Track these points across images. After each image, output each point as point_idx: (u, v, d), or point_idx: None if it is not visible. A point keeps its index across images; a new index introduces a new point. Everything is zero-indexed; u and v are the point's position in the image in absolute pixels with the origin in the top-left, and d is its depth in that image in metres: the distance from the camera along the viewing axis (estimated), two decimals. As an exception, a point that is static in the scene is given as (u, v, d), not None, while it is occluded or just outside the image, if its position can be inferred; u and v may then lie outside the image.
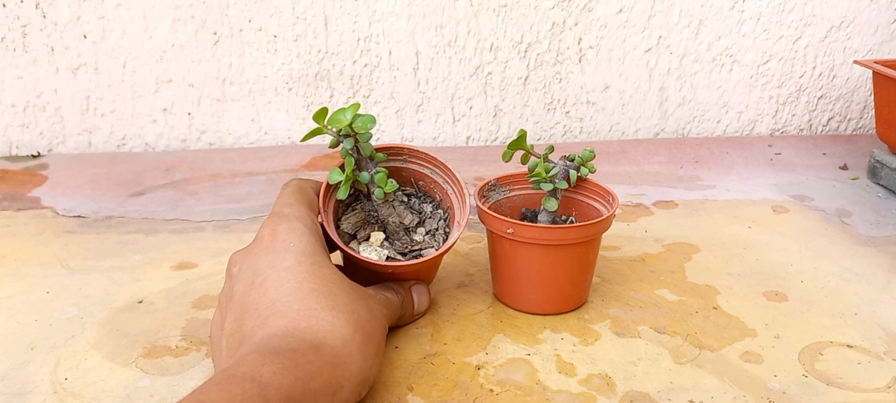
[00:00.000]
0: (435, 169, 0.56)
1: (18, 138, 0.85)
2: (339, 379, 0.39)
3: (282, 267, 0.43)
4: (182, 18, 0.82)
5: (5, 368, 0.46)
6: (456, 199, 0.55)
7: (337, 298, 0.42)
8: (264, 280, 0.43)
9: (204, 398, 0.34)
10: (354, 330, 0.41)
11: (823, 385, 0.46)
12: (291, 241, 0.44)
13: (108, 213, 0.70)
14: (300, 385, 0.37)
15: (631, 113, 0.94)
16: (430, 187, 0.56)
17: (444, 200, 0.56)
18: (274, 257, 0.44)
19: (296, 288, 0.42)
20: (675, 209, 0.73)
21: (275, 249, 0.44)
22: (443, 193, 0.56)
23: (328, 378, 0.38)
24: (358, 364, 0.40)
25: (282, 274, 0.43)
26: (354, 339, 0.41)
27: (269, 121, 0.88)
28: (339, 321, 0.41)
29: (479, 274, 0.59)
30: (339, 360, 0.39)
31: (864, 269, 0.61)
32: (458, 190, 0.55)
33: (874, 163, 0.80)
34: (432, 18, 0.86)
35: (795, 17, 0.92)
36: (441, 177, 0.56)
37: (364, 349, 0.41)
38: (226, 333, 0.42)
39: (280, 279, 0.42)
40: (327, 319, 0.41)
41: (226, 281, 0.46)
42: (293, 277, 0.42)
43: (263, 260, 0.44)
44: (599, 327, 0.52)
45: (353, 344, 0.41)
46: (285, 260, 0.43)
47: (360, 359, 0.41)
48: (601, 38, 0.90)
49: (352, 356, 0.40)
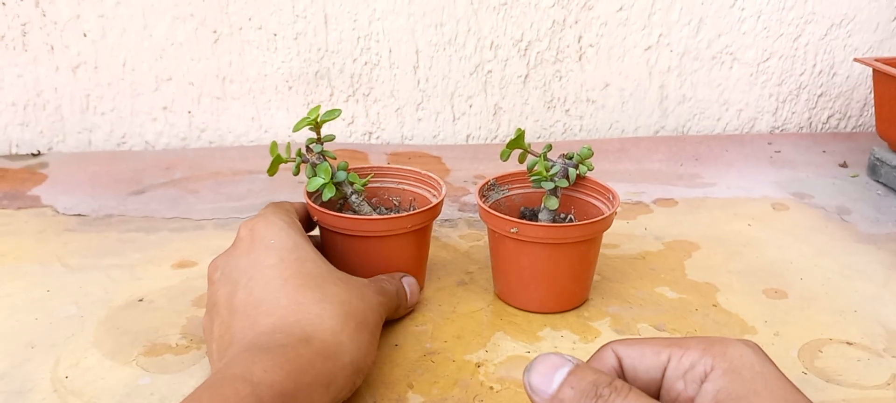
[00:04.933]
0: (401, 180, 0.58)
1: (18, 136, 0.85)
2: (332, 370, 0.39)
3: (265, 265, 0.43)
4: (182, 16, 0.82)
5: (5, 366, 0.46)
6: (428, 192, 0.57)
7: (325, 289, 0.42)
8: (249, 280, 0.42)
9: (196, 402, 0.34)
10: (344, 320, 0.41)
11: (823, 382, 0.46)
12: (271, 238, 0.44)
13: (108, 212, 0.70)
14: (293, 380, 0.36)
15: (631, 111, 0.94)
16: (405, 200, 0.58)
17: (418, 202, 0.58)
18: (255, 256, 0.43)
19: (282, 285, 0.42)
20: (675, 207, 0.73)
21: (255, 248, 0.44)
22: (416, 197, 0.58)
23: (320, 370, 0.38)
24: (350, 354, 0.40)
25: (266, 272, 0.42)
26: (345, 329, 0.41)
27: (269, 119, 0.88)
28: (327, 312, 0.41)
29: (479, 272, 0.59)
30: (329, 351, 0.39)
31: (864, 266, 0.61)
32: (428, 184, 0.57)
33: (874, 161, 0.80)
34: (432, 16, 0.86)
35: (796, 14, 0.92)
36: (410, 184, 0.58)
37: (356, 337, 0.41)
38: (215, 338, 0.42)
39: (264, 278, 0.42)
40: (315, 312, 0.41)
41: (208, 286, 0.46)
42: (278, 274, 0.42)
43: (245, 260, 0.44)
44: (599, 325, 0.52)
45: (343, 334, 0.40)
46: (268, 259, 0.43)
47: (353, 348, 0.40)
48: (601, 36, 0.90)
49: (342, 345, 0.40)
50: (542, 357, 0.35)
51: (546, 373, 0.34)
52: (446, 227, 0.67)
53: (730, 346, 0.34)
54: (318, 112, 0.51)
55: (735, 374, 0.33)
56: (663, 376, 0.35)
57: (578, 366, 0.34)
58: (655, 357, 0.35)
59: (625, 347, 0.36)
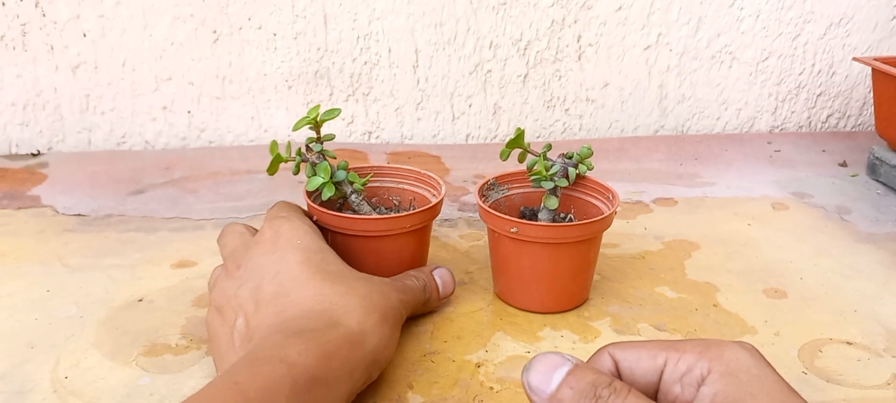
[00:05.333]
0: (401, 179, 0.58)
1: (18, 136, 0.84)
2: (357, 358, 0.40)
3: (292, 261, 0.44)
4: (181, 16, 0.82)
5: (5, 366, 0.46)
6: (427, 192, 0.57)
7: (349, 284, 0.44)
8: (275, 275, 0.44)
9: (234, 379, 0.35)
10: (367, 312, 0.42)
11: (823, 382, 0.46)
12: (297, 239, 0.46)
13: (107, 211, 0.70)
14: (323, 364, 0.38)
15: (630, 110, 0.94)
16: (405, 200, 0.58)
17: (418, 202, 0.58)
18: (281, 254, 0.45)
19: (309, 279, 0.43)
20: (675, 206, 0.73)
21: (280, 247, 0.45)
22: (416, 197, 0.58)
23: (346, 356, 0.39)
24: (372, 345, 0.41)
25: (293, 267, 0.44)
26: (368, 320, 0.42)
27: (268, 118, 0.88)
28: (352, 303, 0.42)
29: (478, 272, 0.59)
30: (355, 339, 0.40)
31: (864, 266, 0.61)
32: (428, 184, 0.57)
33: (873, 160, 0.80)
34: (432, 16, 0.86)
35: (794, 14, 0.92)
36: (409, 184, 0.58)
37: (378, 329, 0.42)
38: (238, 330, 0.42)
39: (291, 272, 0.44)
40: (341, 303, 0.42)
41: (223, 279, 0.46)
42: (304, 270, 0.44)
43: (270, 257, 0.45)
44: (599, 324, 0.52)
45: (366, 324, 0.42)
46: (294, 256, 0.44)
47: (375, 340, 0.42)
48: (600, 36, 0.90)
49: (366, 335, 0.41)
50: (540, 356, 0.35)
51: (545, 373, 0.34)
52: (446, 227, 0.67)
53: (726, 349, 0.34)
54: (318, 111, 0.51)
55: (732, 377, 0.33)
56: (660, 379, 0.35)
57: (578, 366, 0.34)
58: (652, 360, 0.35)
59: (621, 350, 0.36)
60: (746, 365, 0.33)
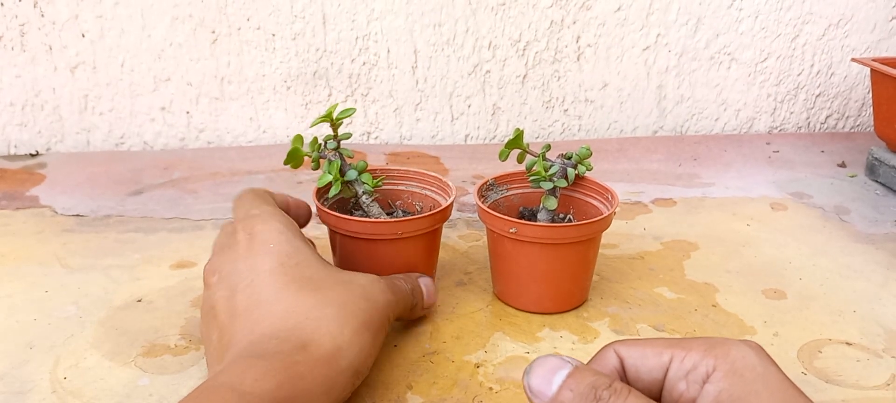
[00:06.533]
0: (409, 182, 0.58)
1: (17, 137, 0.84)
2: (331, 375, 0.39)
3: (263, 270, 0.42)
4: (180, 17, 0.82)
5: (4, 367, 0.46)
6: (437, 194, 0.56)
7: (326, 293, 0.42)
8: (248, 285, 0.42)
9: None
10: (345, 322, 0.41)
11: (822, 383, 0.46)
12: (270, 242, 0.44)
13: (106, 212, 0.70)
14: (288, 388, 0.36)
15: (629, 111, 0.94)
16: (408, 203, 0.58)
17: (425, 206, 0.57)
18: (254, 261, 0.43)
19: (281, 290, 0.41)
20: (674, 207, 0.73)
21: (254, 252, 0.43)
22: (423, 200, 0.57)
23: (319, 375, 0.38)
24: (348, 359, 0.40)
25: (264, 278, 0.42)
26: (344, 332, 0.40)
27: (267, 119, 0.88)
28: (326, 316, 0.40)
29: (477, 273, 0.59)
30: (328, 356, 0.39)
31: (863, 266, 0.61)
32: (437, 187, 0.57)
33: (872, 161, 0.81)
34: (430, 16, 0.86)
35: (793, 14, 0.92)
36: (417, 186, 0.58)
37: (356, 339, 0.41)
38: (214, 343, 0.41)
39: (264, 282, 0.42)
40: (314, 316, 0.40)
41: (204, 290, 0.45)
42: (277, 279, 0.42)
43: (243, 264, 0.43)
44: (598, 325, 0.52)
45: (341, 338, 0.40)
46: (266, 263, 0.43)
47: (352, 352, 0.40)
48: (599, 36, 0.90)
49: (341, 350, 0.40)
50: (541, 359, 0.35)
51: (545, 375, 0.34)
52: (445, 227, 0.67)
53: (732, 347, 0.34)
54: (335, 109, 0.51)
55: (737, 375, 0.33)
56: (665, 376, 0.35)
57: (577, 368, 0.34)
58: (657, 357, 0.35)
59: (627, 348, 0.36)
60: (751, 364, 0.33)
